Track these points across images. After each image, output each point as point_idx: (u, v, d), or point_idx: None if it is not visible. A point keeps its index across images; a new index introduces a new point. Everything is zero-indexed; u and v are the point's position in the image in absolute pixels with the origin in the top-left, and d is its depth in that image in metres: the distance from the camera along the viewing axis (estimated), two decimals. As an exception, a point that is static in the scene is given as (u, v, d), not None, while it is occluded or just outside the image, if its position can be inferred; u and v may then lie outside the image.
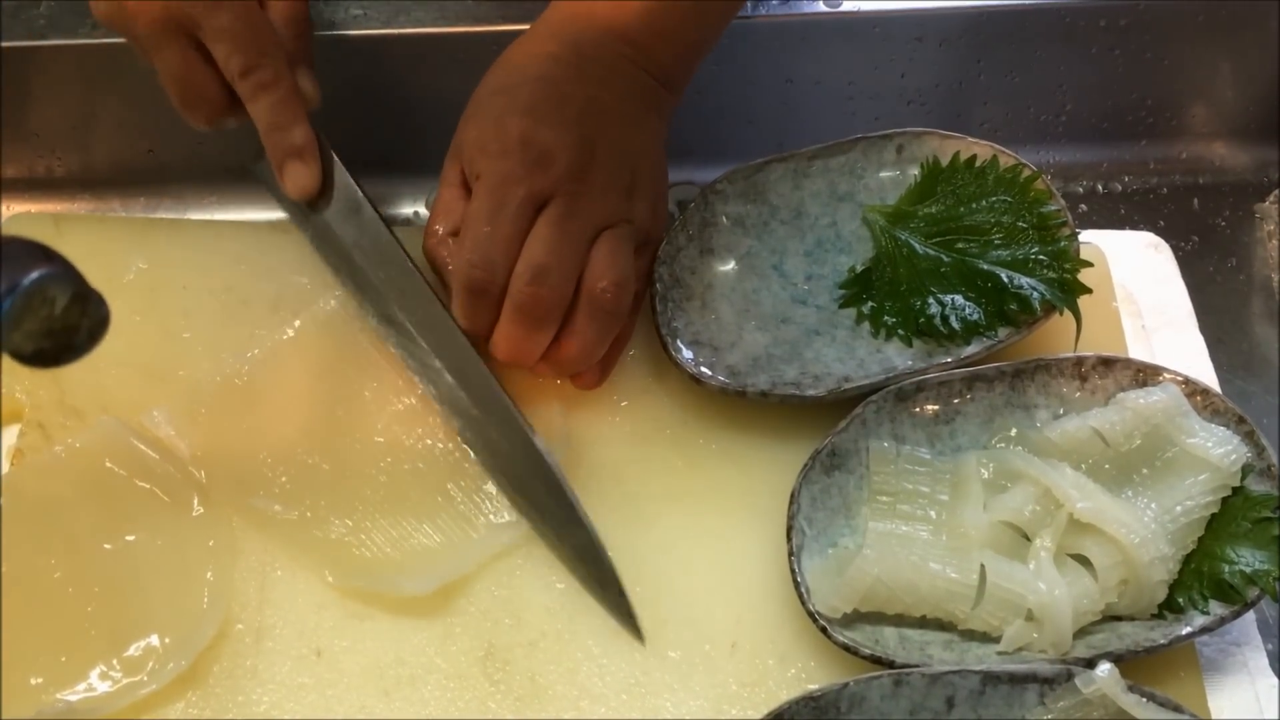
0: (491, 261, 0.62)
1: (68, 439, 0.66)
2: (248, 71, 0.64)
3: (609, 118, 0.65)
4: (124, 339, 0.69)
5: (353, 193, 0.69)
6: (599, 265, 0.63)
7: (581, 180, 0.63)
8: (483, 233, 0.62)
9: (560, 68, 0.65)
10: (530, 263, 0.62)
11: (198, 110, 0.66)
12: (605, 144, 0.64)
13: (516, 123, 0.63)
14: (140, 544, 0.64)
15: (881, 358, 0.68)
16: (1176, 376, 0.66)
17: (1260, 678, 0.64)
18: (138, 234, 0.74)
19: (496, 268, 0.62)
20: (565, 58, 0.65)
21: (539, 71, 0.64)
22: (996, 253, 0.68)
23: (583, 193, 0.63)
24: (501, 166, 0.63)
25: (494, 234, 0.62)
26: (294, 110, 0.66)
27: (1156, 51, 0.82)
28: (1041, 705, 0.59)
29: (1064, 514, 0.62)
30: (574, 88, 0.64)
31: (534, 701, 0.61)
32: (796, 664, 0.63)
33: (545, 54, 0.65)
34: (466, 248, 0.63)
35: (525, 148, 0.62)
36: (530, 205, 0.63)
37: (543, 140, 0.62)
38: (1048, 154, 0.85)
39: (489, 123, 0.64)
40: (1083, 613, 0.61)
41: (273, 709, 0.61)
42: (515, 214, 0.62)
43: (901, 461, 0.65)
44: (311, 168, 0.68)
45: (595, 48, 0.66)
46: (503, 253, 0.62)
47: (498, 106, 0.64)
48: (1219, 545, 0.63)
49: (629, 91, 0.66)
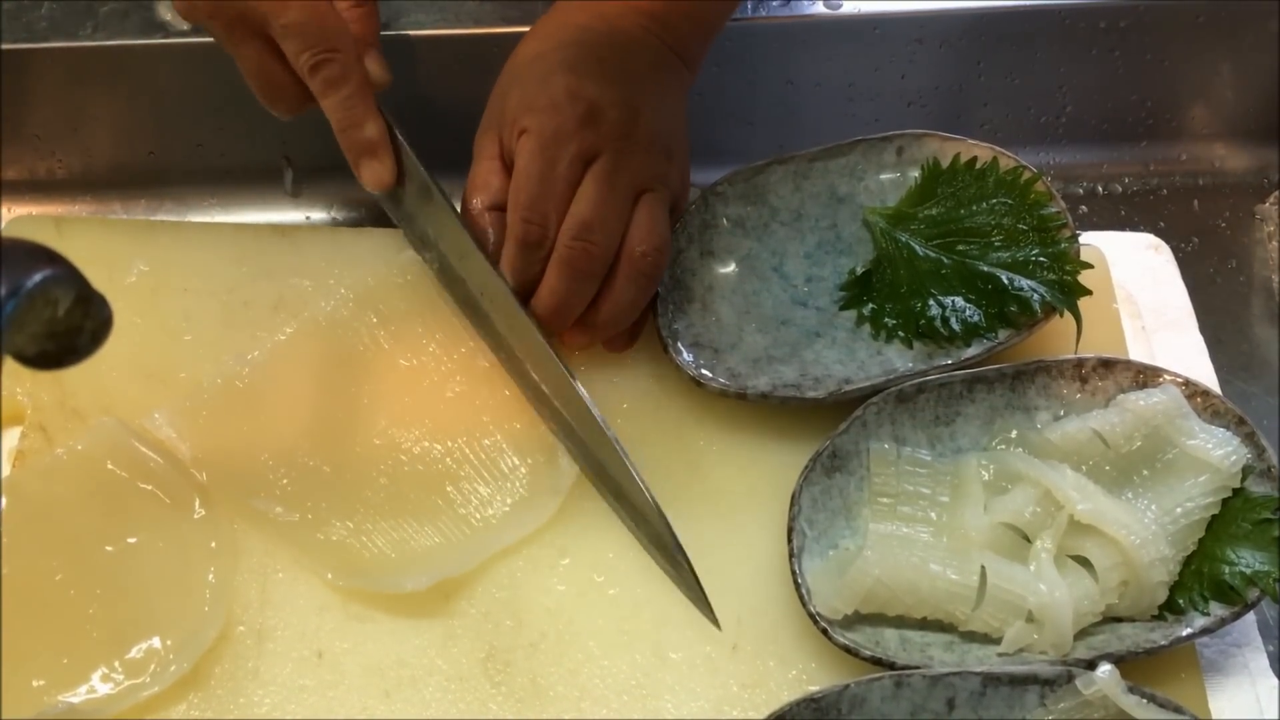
0: (545, 215, 0.64)
1: (69, 441, 0.66)
2: (316, 68, 0.64)
3: (645, 83, 0.67)
4: (125, 341, 0.69)
5: (422, 178, 0.69)
6: (641, 229, 0.65)
7: (628, 138, 0.65)
8: (535, 188, 0.64)
9: (593, 35, 0.67)
10: (578, 218, 0.64)
11: (278, 103, 0.67)
12: (646, 106, 0.66)
13: (563, 80, 0.64)
14: (142, 546, 0.64)
15: (882, 359, 0.68)
16: (1177, 378, 0.66)
17: (1261, 679, 0.64)
18: (139, 236, 0.74)
19: (549, 222, 0.64)
20: (595, 27, 0.67)
21: (573, 37, 0.66)
22: (997, 254, 0.68)
23: (629, 150, 0.65)
24: (551, 122, 0.64)
25: (546, 189, 0.64)
26: (364, 105, 0.67)
27: (1156, 53, 0.82)
28: (1042, 706, 0.59)
29: (1064, 515, 0.62)
30: (609, 53, 0.66)
31: (535, 703, 0.61)
32: (797, 665, 0.63)
33: (575, 24, 0.67)
34: (521, 203, 0.64)
35: (574, 102, 0.64)
36: (580, 160, 0.64)
37: (591, 96, 0.64)
38: (1048, 155, 0.85)
39: (533, 83, 0.65)
40: (1083, 614, 0.61)
41: (274, 710, 0.61)
42: (567, 169, 0.64)
43: (902, 463, 0.65)
44: (385, 162, 0.68)
45: (620, 19, 0.68)
46: (555, 207, 0.64)
47: (539, 70, 0.66)
48: (1219, 546, 0.63)
49: (655, 62, 0.68)
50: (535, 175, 0.64)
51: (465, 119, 0.80)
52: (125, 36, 0.76)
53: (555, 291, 0.65)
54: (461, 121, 0.81)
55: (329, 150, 0.81)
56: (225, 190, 0.83)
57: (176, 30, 0.76)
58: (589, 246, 0.64)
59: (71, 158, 0.81)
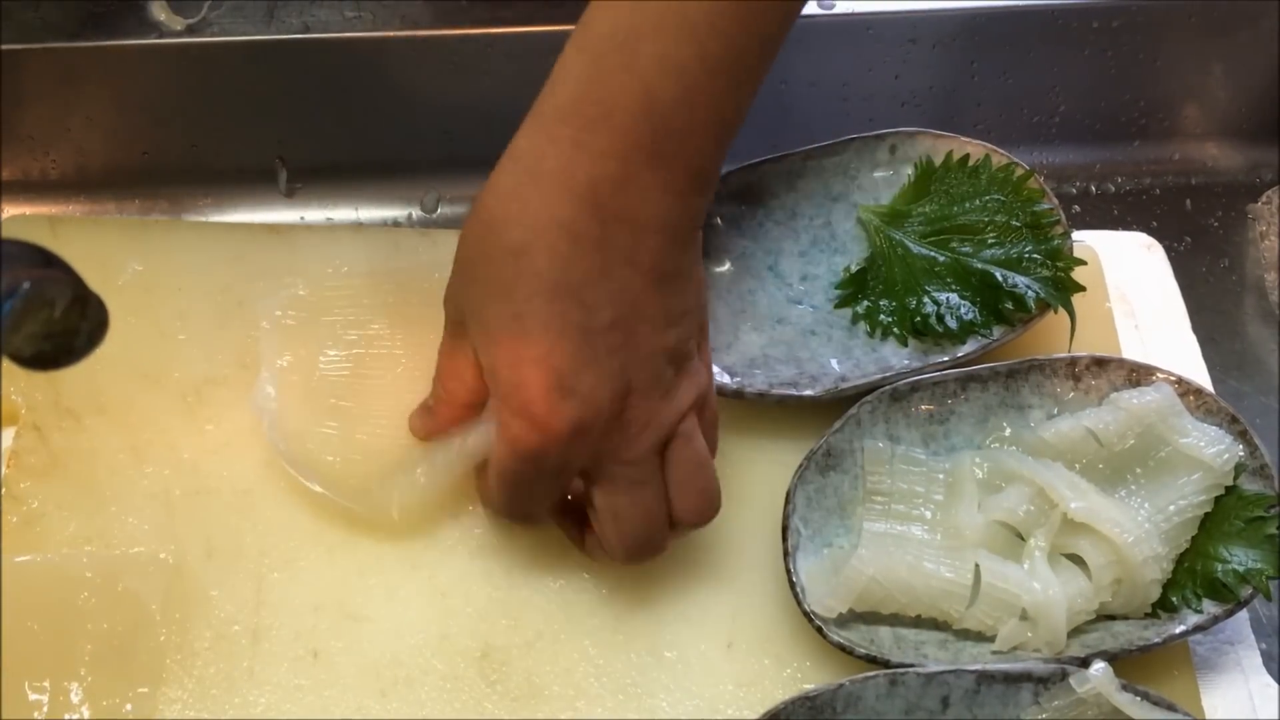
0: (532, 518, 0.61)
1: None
2: None
3: (642, 310, 0.55)
4: (119, 341, 0.67)
5: None
6: (679, 499, 0.58)
7: (623, 432, 0.56)
8: (516, 505, 0.59)
9: (579, 258, 0.53)
10: (620, 539, 0.59)
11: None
12: (640, 357, 0.55)
13: (537, 378, 0.53)
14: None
15: (877, 357, 0.68)
16: (1170, 376, 0.66)
17: (1254, 676, 0.65)
18: (133, 236, 0.74)
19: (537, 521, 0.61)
20: (583, 232, 0.53)
21: (553, 274, 0.53)
22: (990, 251, 0.69)
23: (626, 444, 0.56)
24: (525, 433, 0.54)
25: (527, 506, 0.59)
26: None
27: (1149, 52, 0.82)
28: (1036, 704, 0.59)
29: (1058, 514, 0.62)
30: (597, 293, 0.53)
31: (530, 702, 0.62)
32: (792, 664, 0.63)
33: (558, 224, 0.53)
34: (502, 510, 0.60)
35: (553, 416, 0.53)
36: (569, 475, 0.57)
37: (572, 409, 0.53)
38: (1041, 155, 0.86)
39: (501, 342, 0.54)
40: (1077, 612, 0.61)
41: (269, 710, 0.61)
42: (550, 487, 0.58)
43: (896, 461, 0.65)
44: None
45: (619, 192, 0.53)
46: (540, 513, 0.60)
47: (504, 317, 0.54)
48: (1212, 544, 0.63)
49: (661, 246, 0.55)
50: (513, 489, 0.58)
51: (460, 120, 0.81)
52: (119, 37, 0.76)
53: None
54: (456, 123, 0.81)
55: (323, 150, 0.82)
56: (219, 190, 0.82)
57: (170, 31, 0.76)
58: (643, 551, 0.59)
59: (65, 158, 0.81)
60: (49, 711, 0.60)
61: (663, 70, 0.52)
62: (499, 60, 0.78)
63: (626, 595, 0.64)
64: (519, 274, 0.53)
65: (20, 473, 0.66)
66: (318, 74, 0.78)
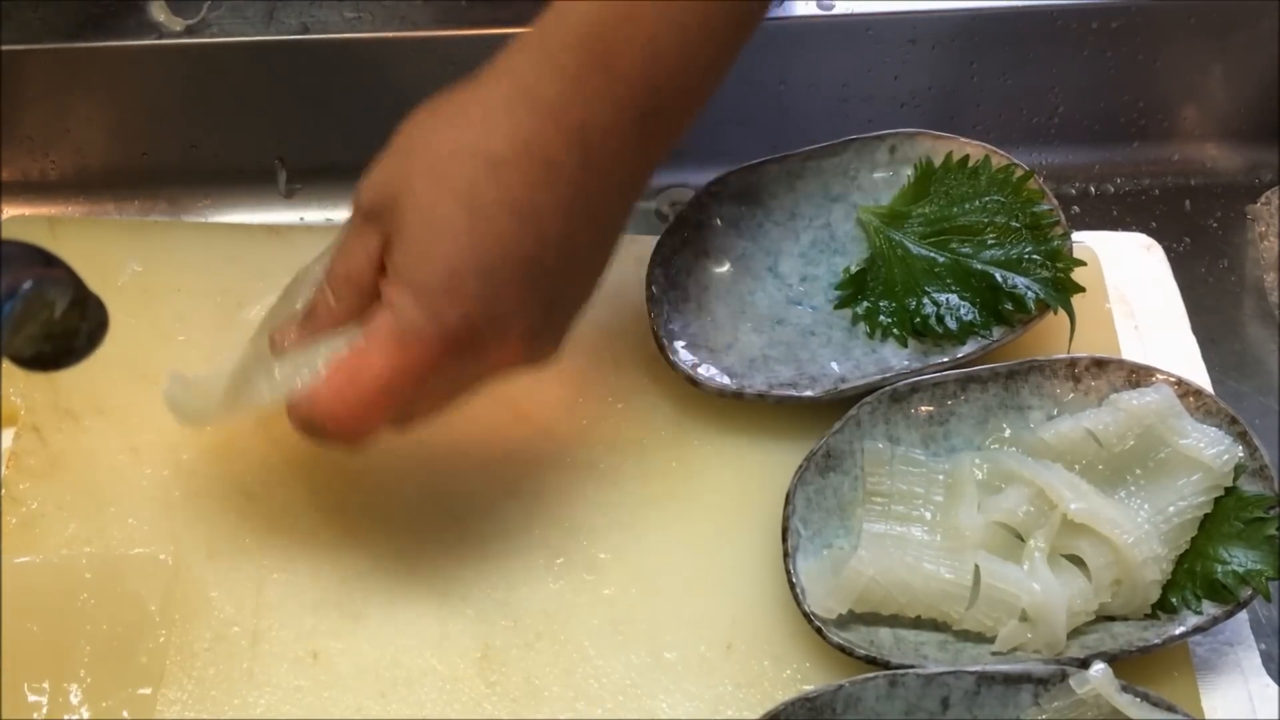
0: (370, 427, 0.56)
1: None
2: None
3: (581, 264, 0.56)
4: (119, 341, 0.67)
5: None
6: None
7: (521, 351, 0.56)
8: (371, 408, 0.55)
9: (551, 189, 0.53)
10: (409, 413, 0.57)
11: None
12: (563, 305, 0.57)
13: (473, 283, 0.52)
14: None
15: (877, 358, 0.68)
16: (1169, 377, 0.66)
17: (1253, 677, 0.64)
18: (132, 236, 0.74)
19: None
20: (563, 169, 0.53)
21: (526, 197, 0.53)
22: (990, 252, 0.69)
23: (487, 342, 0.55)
24: (425, 322, 0.53)
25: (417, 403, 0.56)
26: None
27: (1148, 53, 0.82)
28: (1036, 705, 0.59)
29: (1058, 515, 0.62)
30: (555, 225, 0.53)
31: (530, 703, 0.61)
32: (792, 665, 0.63)
33: (542, 157, 0.53)
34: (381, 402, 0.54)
35: (462, 311, 0.53)
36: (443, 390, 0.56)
37: (480, 313, 0.53)
38: (1040, 156, 0.86)
39: (445, 235, 0.53)
40: (1076, 613, 0.61)
41: (269, 711, 0.61)
42: (449, 389, 0.57)
43: (896, 462, 0.65)
44: None
45: (605, 141, 0.54)
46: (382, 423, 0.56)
47: (457, 216, 0.52)
48: (1212, 545, 0.63)
49: (619, 207, 0.57)
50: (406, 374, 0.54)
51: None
52: (119, 38, 0.76)
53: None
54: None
55: (323, 151, 0.82)
56: (219, 191, 0.82)
57: (170, 31, 0.76)
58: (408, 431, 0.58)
59: (65, 158, 0.81)
60: (48, 712, 0.60)
61: (668, 25, 0.53)
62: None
63: (626, 597, 0.64)
64: (489, 182, 0.52)
65: (20, 474, 0.66)
66: (317, 75, 0.78)
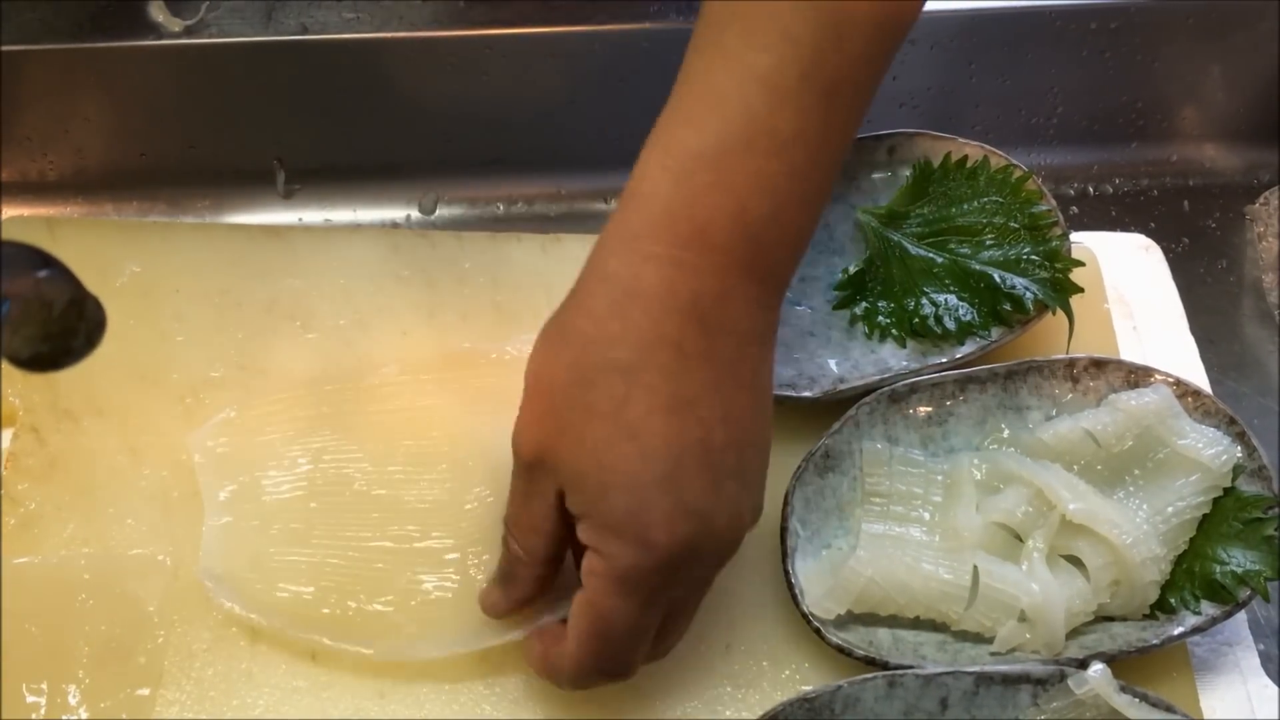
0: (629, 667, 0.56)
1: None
2: None
3: (749, 429, 0.54)
4: (117, 342, 0.67)
5: None
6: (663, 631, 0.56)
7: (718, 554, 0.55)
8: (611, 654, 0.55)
9: (689, 372, 0.51)
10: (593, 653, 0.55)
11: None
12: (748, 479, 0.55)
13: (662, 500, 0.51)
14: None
15: (876, 358, 0.68)
16: (1168, 378, 0.66)
17: (1252, 678, 0.65)
18: (131, 237, 0.74)
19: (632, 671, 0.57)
20: (692, 345, 0.51)
21: (667, 389, 0.51)
22: (989, 253, 0.69)
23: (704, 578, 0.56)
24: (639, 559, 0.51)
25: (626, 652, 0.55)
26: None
27: (1147, 54, 0.82)
28: (1034, 706, 0.59)
29: (1056, 515, 0.62)
30: (710, 407, 0.52)
31: (528, 704, 0.61)
32: (791, 665, 0.63)
33: (666, 341, 0.51)
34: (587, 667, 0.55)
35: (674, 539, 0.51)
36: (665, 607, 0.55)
37: (690, 530, 0.51)
38: (1039, 156, 0.86)
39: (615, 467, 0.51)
40: (1075, 613, 0.61)
41: (268, 712, 0.61)
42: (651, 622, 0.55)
43: (895, 463, 0.65)
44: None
45: (719, 306, 0.52)
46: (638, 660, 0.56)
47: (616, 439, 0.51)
48: (1210, 546, 0.63)
49: (758, 358, 0.54)
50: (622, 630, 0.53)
51: (458, 121, 0.81)
52: (117, 38, 0.76)
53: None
54: (454, 124, 0.81)
55: (321, 152, 0.82)
56: (217, 191, 0.82)
57: (168, 32, 0.76)
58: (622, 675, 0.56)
59: (63, 159, 0.81)
60: (47, 713, 0.60)
61: (758, 187, 0.52)
62: (497, 62, 0.78)
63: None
64: (630, 392, 0.51)
65: (18, 474, 0.66)
66: (315, 75, 0.78)
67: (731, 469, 0.52)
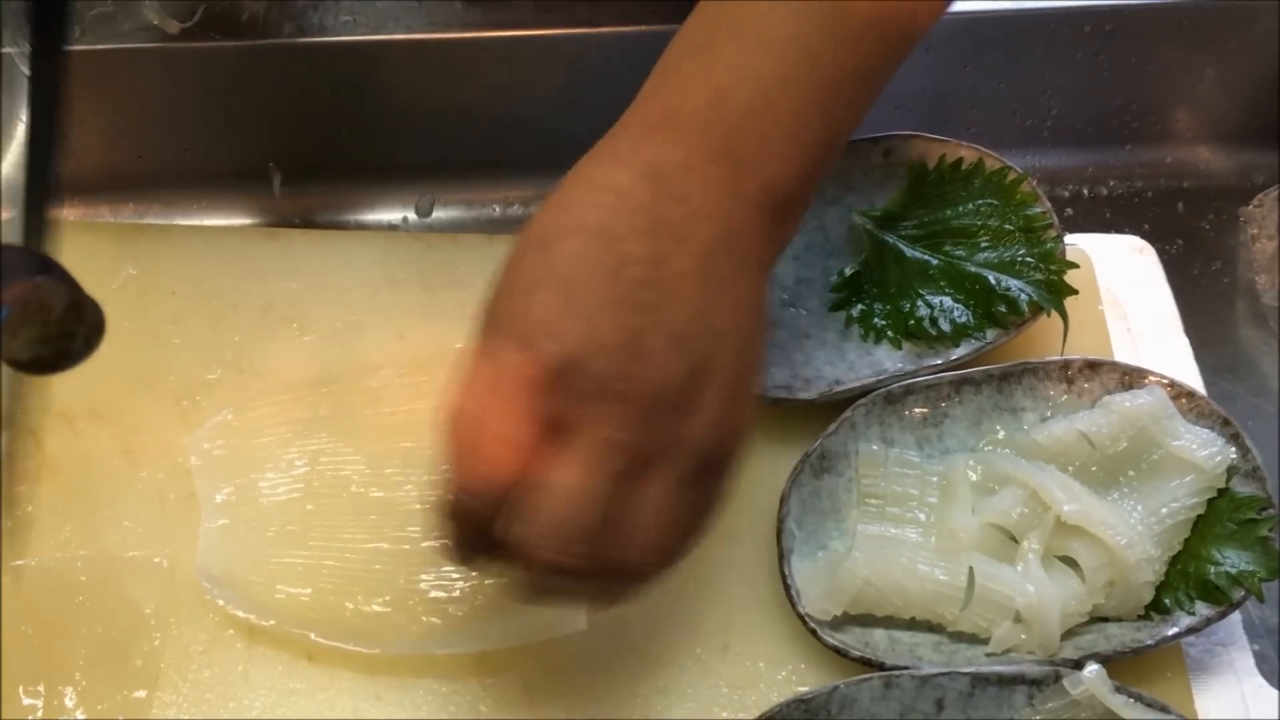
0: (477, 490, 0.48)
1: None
2: None
3: (677, 294, 0.48)
4: (113, 345, 0.67)
5: None
6: (637, 532, 0.48)
7: (619, 399, 0.47)
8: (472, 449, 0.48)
9: (624, 214, 0.48)
10: (544, 524, 0.47)
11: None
12: (664, 342, 0.48)
13: (549, 297, 0.47)
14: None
15: (871, 360, 0.68)
16: (1162, 379, 0.66)
17: (1246, 678, 0.65)
18: (127, 240, 0.74)
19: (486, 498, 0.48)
20: (634, 195, 0.49)
21: (596, 220, 0.48)
22: (984, 255, 0.69)
23: (620, 419, 0.47)
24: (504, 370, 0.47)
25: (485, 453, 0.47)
26: None
27: (1141, 56, 0.82)
28: (1030, 706, 0.59)
29: (1051, 516, 0.62)
30: (636, 246, 0.48)
31: (525, 705, 0.62)
32: (787, 666, 0.63)
33: (611, 187, 0.49)
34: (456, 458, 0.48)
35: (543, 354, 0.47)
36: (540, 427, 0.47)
37: (568, 343, 0.47)
38: (1034, 159, 0.86)
39: (519, 273, 0.49)
40: (1070, 614, 0.61)
41: (265, 713, 0.61)
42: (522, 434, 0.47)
43: (890, 464, 0.65)
44: None
45: (678, 173, 0.49)
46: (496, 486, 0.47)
47: (529, 273, 0.49)
48: (1205, 547, 0.64)
49: (716, 240, 0.49)
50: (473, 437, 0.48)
51: (454, 124, 0.81)
52: (113, 40, 0.76)
53: (528, 595, 0.51)
54: (450, 126, 0.81)
55: (317, 154, 0.82)
56: (213, 194, 0.82)
57: (165, 34, 0.76)
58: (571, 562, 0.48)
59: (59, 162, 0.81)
60: (44, 715, 0.60)
61: (738, 76, 0.51)
62: (493, 64, 0.78)
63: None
64: (559, 218, 0.49)
65: (14, 477, 0.66)
66: (311, 78, 0.78)
67: (645, 304, 0.47)
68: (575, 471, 0.47)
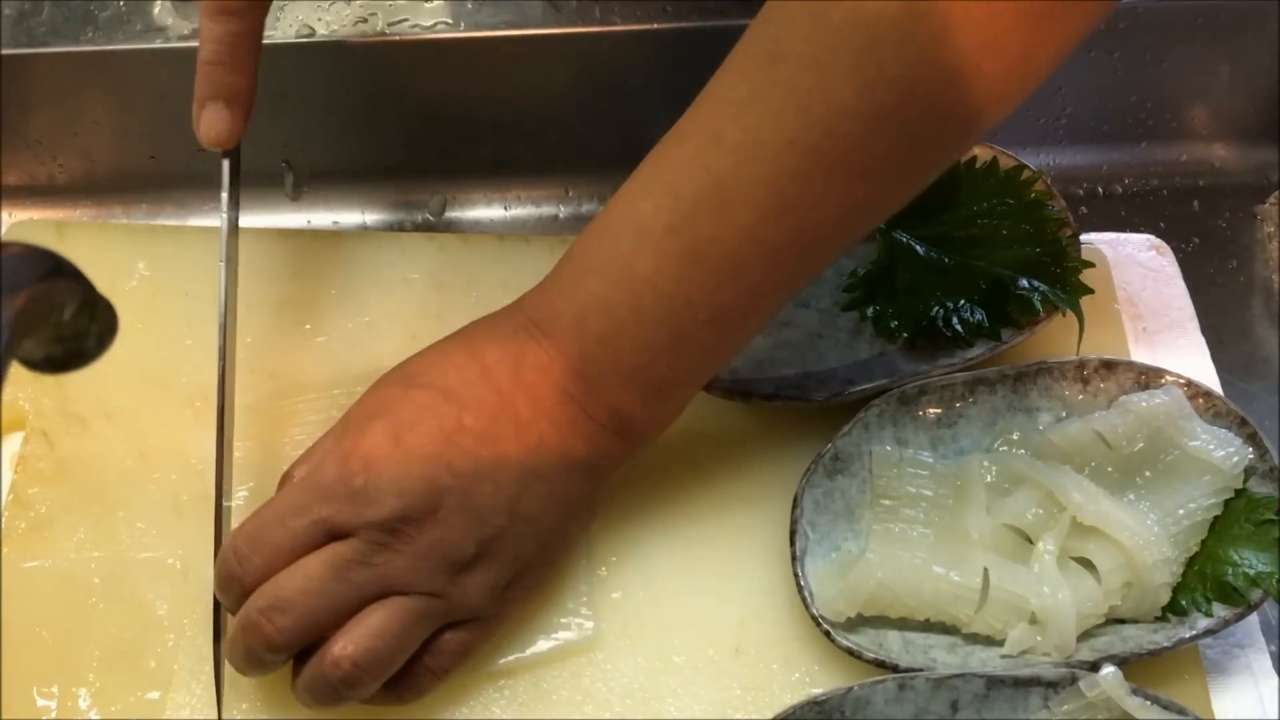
0: (247, 560, 0.55)
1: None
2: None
3: (493, 474, 0.55)
4: (126, 345, 0.67)
5: None
6: (353, 630, 0.55)
7: (395, 535, 0.54)
8: (261, 530, 0.56)
9: (479, 389, 0.56)
10: (274, 591, 0.54)
11: None
12: (459, 505, 0.55)
13: (363, 438, 0.55)
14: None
15: (885, 360, 0.68)
16: (1178, 379, 0.66)
17: (1264, 679, 0.64)
18: (140, 240, 0.74)
19: (251, 569, 0.55)
20: (495, 376, 0.56)
21: (453, 383, 0.56)
22: (998, 254, 0.68)
23: (388, 548, 0.54)
24: (319, 474, 0.55)
25: (269, 535, 0.55)
26: (246, 50, 0.59)
27: (1156, 54, 0.82)
28: (1045, 708, 0.59)
29: (1067, 517, 0.62)
30: (475, 420, 0.55)
31: (538, 706, 0.61)
32: (800, 668, 0.63)
33: (480, 360, 0.57)
34: (241, 532, 0.56)
35: (352, 471, 0.55)
36: (321, 529, 0.55)
37: (376, 473, 0.54)
38: (1048, 157, 0.86)
39: (358, 419, 0.57)
40: (1086, 616, 0.61)
41: (277, 714, 0.61)
42: (302, 530, 0.55)
43: (904, 465, 0.65)
44: (235, 118, 0.61)
45: (539, 374, 0.56)
46: (265, 558, 0.55)
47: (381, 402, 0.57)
48: (1222, 547, 0.63)
49: (552, 441, 0.56)
50: (271, 517, 0.55)
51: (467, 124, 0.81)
52: (125, 41, 0.76)
53: (232, 649, 0.57)
54: (463, 126, 0.81)
55: (330, 154, 0.82)
56: (226, 194, 0.82)
57: (176, 34, 0.76)
58: (266, 626, 0.54)
59: (72, 162, 0.81)
60: (57, 716, 0.60)
61: (598, 305, 0.55)
62: (504, 63, 0.78)
63: (633, 600, 0.64)
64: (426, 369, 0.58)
65: (28, 478, 0.66)
66: (323, 77, 0.79)
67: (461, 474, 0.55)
68: (317, 565, 0.54)
